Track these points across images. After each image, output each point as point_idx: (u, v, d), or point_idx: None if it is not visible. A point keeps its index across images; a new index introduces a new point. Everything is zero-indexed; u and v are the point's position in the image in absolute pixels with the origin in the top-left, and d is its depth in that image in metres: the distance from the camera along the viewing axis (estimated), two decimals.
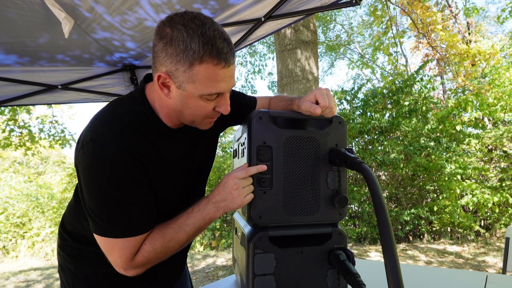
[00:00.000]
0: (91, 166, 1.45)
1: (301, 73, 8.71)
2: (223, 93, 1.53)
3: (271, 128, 1.56)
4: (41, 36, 3.43)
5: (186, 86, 1.47)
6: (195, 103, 1.51)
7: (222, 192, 1.59)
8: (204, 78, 1.43)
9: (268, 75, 24.95)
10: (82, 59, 4.23)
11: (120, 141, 1.46)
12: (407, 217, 10.63)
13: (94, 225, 1.52)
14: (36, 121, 14.49)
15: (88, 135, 1.47)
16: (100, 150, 1.44)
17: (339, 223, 1.69)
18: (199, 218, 1.61)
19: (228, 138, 16.63)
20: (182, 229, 1.60)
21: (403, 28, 24.48)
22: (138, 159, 1.51)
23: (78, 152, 1.49)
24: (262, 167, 1.55)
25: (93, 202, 1.48)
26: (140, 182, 1.53)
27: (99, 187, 1.46)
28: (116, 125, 1.51)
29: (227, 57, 1.43)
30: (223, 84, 1.48)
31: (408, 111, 11.52)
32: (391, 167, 11.27)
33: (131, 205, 1.50)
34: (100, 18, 3.24)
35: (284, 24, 3.99)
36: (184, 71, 1.43)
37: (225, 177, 1.61)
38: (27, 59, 3.91)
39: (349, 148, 1.59)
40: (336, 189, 1.63)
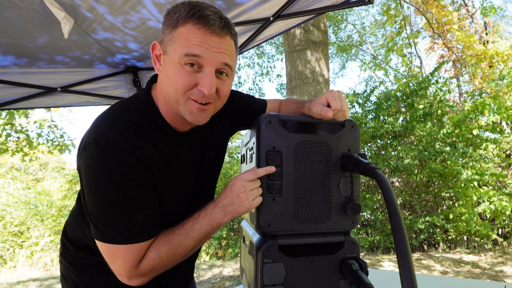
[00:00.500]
0: (93, 168, 1.44)
1: (311, 75, 8.70)
2: (205, 66, 1.47)
3: (281, 132, 1.56)
4: (40, 37, 3.43)
5: (168, 50, 1.49)
6: (175, 71, 1.47)
7: (229, 196, 1.59)
8: (183, 37, 1.44)
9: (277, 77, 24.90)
10: (82, 61, 4.23)
11: (124, 142, 1.46)
12: (421, 225, 10.57)
13: (96, 231, 1.51)
14: (34, 126, 14.50)
15: (91, 135, 1.47)
16: (103, 151, 1.43)
17: (351, 231, 1.68)
18: (206, 223, 1.61)
19: (235, 143, 16.57)
20: (189, 235, 1.60)
21: (418, 28, 24.50)
22: (143, 161, 1.51)
23: (81, 153, 1.48)
24: (271, 168, 1.55)
25: (95, 206, 1.48)
26: (145, 186, 1.53)
27: (102, 189, 1.45)
28: (120, 126, 1.51)
29: (211, 22, 1.42)
30: (202, 49, 1.43)
31: (423, 115, 11.47)
32: (405, 173, 11.22)
33: (135, 210, 1.50)
34: (101, 18, 3.24)
35: (294, 24, 3.99)
36: (169, 33, 1.48)
37: (232, 180, 1.61)
38: (25, 60, 3.92)
39: (362, 153, 1.58)
40: (349, 196, 1.63)
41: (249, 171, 1.57)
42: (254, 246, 1.58)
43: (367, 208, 11.13)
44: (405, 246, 1.04)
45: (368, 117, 12.49)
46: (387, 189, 1.20)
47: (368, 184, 12.21)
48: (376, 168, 1.36)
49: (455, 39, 18.34)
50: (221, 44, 1.47)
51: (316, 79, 8.70)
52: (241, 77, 28.80)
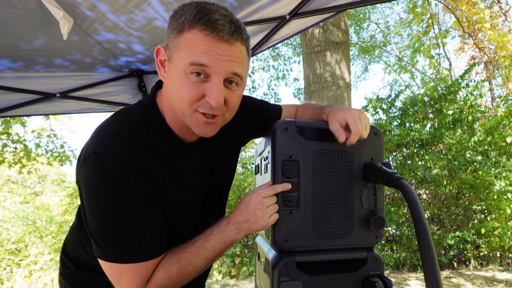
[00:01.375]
0: (94, 182, 1.43)
1: (331, 79, 8.69)
2: (212, 76, 1.43)
3: (298, 140, 1.56)
4: (37, 38, 3.41)
5: (173, 57, 1.46)
6: (180, 81, 1.44)
7: (244, 212, 1.58)
8: (189, 43, 1.40)
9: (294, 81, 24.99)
10: (83, 64, 4.22)
11: (127, 154, 1.45)
12: (451, 240, 10.50)
13: (99, 249, 1.49)
14: (32, 135, 14.43)
15: (91, 147, 1.46)
16: (104, 164, 1.42)
17: (375, 247, 1.68)
18: (219, 240, 1.60)
19: (249, 153, 16.54)
20: (200, 253, 1.59)
21: (446, 27, 24.40)
22: (148, 175, 1.50)
23: (80, 166, 1.47)
24: (287, 185, 1.55)
25: (97, 223, 1.46)
26: (150, 200, 1.52)
27: (103, 205, 1.44)
28: (122, 136, 1.49)
29: (220, 28, 1.38)
30: (207, 57, 1.39)
31: (452, 121, 11.41)
32: (433, 185, 11.15)
33: (140, 226, 1.49)
34: (103, 17, 3.22)
35: (312, 23, 3.95)
36: (174, 39, 1.45)
37: (247, 195, 1.60)
38: (21, 64, 3.91)
39: (386, 163, 1.58)
40: (372, 208, 1.62)
41: (267, 187, 1.56)
42: (270, 264, 1.58)
43: (392, 222, 11.08)
44: (433, 263, 1.03)
45: (393, 124, 12.45)
46: (413, 202, 1.19)
47: (393, 196, 12.15)
48: (402, 178, 1.35)
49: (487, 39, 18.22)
50: (231, 51, 1.43)
51: (337, 82, 8.68)
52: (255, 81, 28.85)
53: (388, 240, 12.23)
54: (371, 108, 12.82)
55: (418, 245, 1.10)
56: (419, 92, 16.13)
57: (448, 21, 26.47)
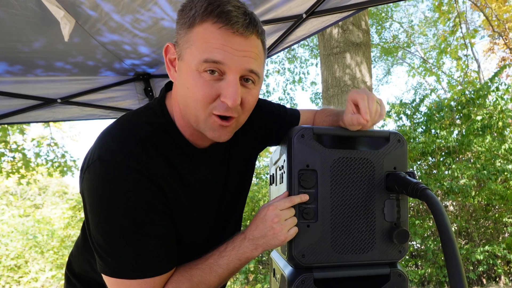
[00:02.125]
0: (98, 190, 1.42)
1: (351, 82, 8.68)
2: (227, 73, 1.40)
3: (316, 147, 1.55)
4: (36, 40, 3.40)
5: (184, 54, 1.44)
6: (193, 80, 1.41)
7: (260, 227, 1.56)
8: (201, 39, 1.38)
9: (311, 85, 24.86)
10: (85, 67, 4.22)
11: (133, 160, 1.43)
12: (480, 255, 10.43)
13: (102, 264, 1.47)
14: (32, 144, 14.23)
15: (95, 153, 1.45)
16: (109, 170, 1.41)
17: (398, 262, 1.67)
18: (233, 257, 1.58)
19: (263, 162, 16.49)
20: (213, 270, 1.56)
21: (475, 26, 24.30)
22: (155, 182, 1.48)
23: (84, 174, 1.46)
24: (304, 196, 1.54)
25: (100, 235, 1.45)
26: (157, 211, 1.50)
27: (107, 215, 1.42)
28: (129, 141, 1.48)
29: (233, 20, 1.35)
30: (221, 52, 1.36)
31: (481, 128, 11.35)
32: (460, 196, 11.10)
33: (147, 239, 1.46)
34: (107, 17, 3.20)
35: (330, 22, 3.93)
36: (185, 34, 1.43)
37: (263, 209, 1.58)
38: (20, 67, 3.90)
39: (410, 172, 1.57)
40: (395, 221, 1.62)
41: (283, 199, 1.55)
42: (286, 280, 1.57)
43: (416, 236, 11.02)
44: (461, 279, 1.03)
45: (417, 130, 12.40)
46: (440, 214, 1.19)
47: (417, 208, 12.10)
48: (427, 188, 1.35)
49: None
50: (246, 46, 1.41)
51: (357, 86, 8.66)
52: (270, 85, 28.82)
53: (412, 255, 12.18)
54: (394, 114, 12.79)
55: (445, 260, 1.10)
56: (446, 96, 16.13)
57: (477, 19, 26.44)
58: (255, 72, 1.45)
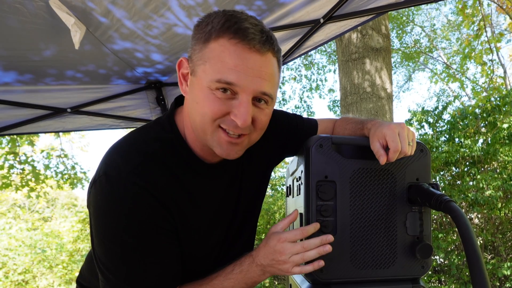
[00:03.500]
0: (102, 205, 1.45)
1: (370, 89, 8.64)
2: (240, 93, 1.41)
3: (335, 158, 1.56)
4: (47, 48, 3.40)
5: (197, 70, 1.44)
6: (203, 96, 1.42)
7: (269, 256, 1.54)
8: (216, 56, 1.38)
9: (329, 92, 24.75)
10: (97, 76, 4.23)
11: (139, 177, 1.45)
12: (507, 271, 10.35)
13: (104, 280, 1.50)
14: (41, 155, 14.26)
15: (102, 168, 1.47)
16: (114, 187, 1.44)
17: (421, 278, 1.67)
18: (240, 280, 1.59)
19: (279, 173, 16.45)
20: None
21: (501, 29, 24.23)
22: (161, 201, 1.50)
23: (90, 188, 1.49)
24: (316, 225, 1.53)
25: (103, 251, 1.48)
26: (162, 230, 1.52)
27: (110, 231, 1.45)
28: (136, 157, 1.50)
29: (250, 37, 1.36)
30: (238, 73, 1.37)
31: (508, 136, 11.29)
32: (486, 208, 11.03)
33: (150, 258, 1.48)
34: (118, 23, 3.20)
35: (349, 27, 3.90)
36: (199, 50, 1.43)
37: (273, 238, 1.55)
38: (30, 76, 3.90)
39: (434, 183, 1.57)
40: (418, 235, 1.62)
41: (295, 230, 1.53)
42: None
43: (440, 250, 10.98)
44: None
45: (440, 139, 12.37)
46: (464, 226, 1.19)
47: (440, 220, 12.06)
48: (451, 200, 1.35)
49: None
50: (261, 63, 1.41)
51: (377, 93, 8.63)
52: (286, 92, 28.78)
53: (435, 270, 12.12)
54: (415, 122, 12.75)
55: (470, 276, 1.10)
56: (470, 104, 16.06)
57: (503, 23, 26.27)
58: (268, 94, 1.46)
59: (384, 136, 1.56)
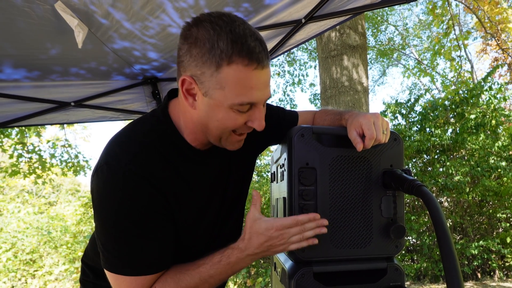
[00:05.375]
0: (102, 192, 1.48)
1: (348, 83, 8.66)
2: (257, 104, 1.49)
3: (315, 146, 1.56)
4: (53, 47, 3.44)
5: (213, 94, 1.43)
6: (224, 115, 1.46)
7: (264, 244, 1.53)
8: (235, 83, 1.40)
9: (310, 87, 24.77)
10: (98, 72, 4.26)
11: (136, 166, 1.48)
12: (474, 250, 10.42)
13: (104, 259, 1.54)
14: (47, 145, 14.47)
15: (103, 158, 1.51)
16: (113, 175, 1.47)
17: (395, 257, 1.67)
18: (227, 269, 1.58)
19: (264, 161, 16.47)
20: (203, 278, 1.57)
21: (468, 28, 24.29)
22: (157, 187, 1.52)
23: (93, 176, 1.51)
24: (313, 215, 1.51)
25: (103, 233, 1.51)
26: (157, 214, 1.54)
27: (110, 216, 1.48)
28: (133, 147, 1.53)
29: (260, 57, 1.39)
30: (257, 92, 1.44)
31: (475, 126, 11.34)
32: (455, 192, 11.08)
33: (145, 240, 1.51)
34: (118, 25, 3.24)
35: (328, 26, 3.94)
36: (211, 75, 1.41)
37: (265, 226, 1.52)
38: (37, 73, 3.94)
39: (406, 169, 1.58)
40: (392, 217, 1.62)
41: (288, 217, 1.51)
42: (286, 274, 1.58)
43: (412, 231, 11.02)
44: (457, 274, 1.03)
45: (412, 129, 12.40)
46: (435, 210, 1.19)
47: (413, 204, 12.10)
48: (423, 185, 1.35)
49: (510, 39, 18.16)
50: (267, 75, 1.48)
51: (354, 87, 8.65)
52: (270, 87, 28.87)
53: (408, 249, 12.17)
54: (389, 113, 12.79)
55: (440, 255, 1.10)
56: (440, 96, 16.11)
57: (470, 22, 26.41)
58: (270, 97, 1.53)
59: (360, 125, 1.57)
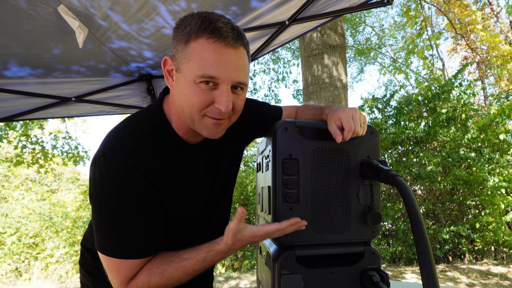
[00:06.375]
0: (99, 182, 1.50)
1: (328, 80, 8.68)
2: (220, 84, 1.47)
3: (298, 139, 1.56)
4: (56, 47, 3.49)
5: (182, 68, 1.49)
6: (191, 89, 1.47)
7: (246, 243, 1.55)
8: (198, 55, 1.43)
9: (293, 83, 24.91)
10: (97, 70, 4.31)
11: (131, 159, 1.51)
12: (446, 235, 10.48)
13: (97, 241, 1.56)
14: (49, 137, 14.80)
15: (101, 149, 1.53)
16: (109, 166, 1.50)
17: (372, 241, 1.68)
18: (210, 264, 1.61)
19: (251, 151, 16.56)
20: (186, 271, 1.59)
21: (439, 29, 24.35)
22: (150, 178, 1.55)
23: (91, 165, 1.54)
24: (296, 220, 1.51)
25: (98, 218, 1.54)
26: (148, 204, 1.56)
27: (105, 204, 1.51)
28: (129, 141, 1.56)
29: (225, 35, 1.42)
30: (218, 68, 1.43)
31: (446, 120, 11.40)
32: (427, 181, 11.15)
33: (135, 227, 1.53)
34: (115, 26, 3.30)
35: (310, 28, 4.00)
36: (182, 51, 1.48)
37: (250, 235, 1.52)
38: (41, 70, 3.98)
39: (382, 160, 1.59)
40: (369, 204, 1.63)
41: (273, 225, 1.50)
42: (271, 257, 1.58)
43: (388, 217, 11.07)
44: (429, 257, 1.04)
45: (388, 122, 12.46)
46: (408, 197, 1.20)
47: (389, 192, 12.16)
48: (397, 175, 1.36)
49: (479, 39, 18.21)
50: (236, 57, 1.48)
51: (334, 84, 8.67)
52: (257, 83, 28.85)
53: (384, 234, 12.23)
54: (367, 108, 12.85)
55: (414, 239, 1.11)
56: (414, 92, 16.16)
57: (441, 23, 26.40)
58: (243, 82, 1.52)
59: (339, 118, 1.58)
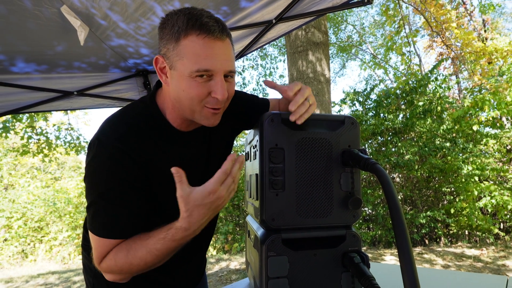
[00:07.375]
0: (92, 164, 1.54)
1: (312, 75, 8.70)
2: (214, 75, 1.51)
3: (283, 130, 1.56)
4: (59, 44, 3.55)
5: (176, 65, 1.50)
6: (187, 84, 1.49)
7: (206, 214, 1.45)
8: (190, 52, 1.45)
9: (280, 78, 24.88)
10: (97, 66, 4.36)
11: (123, 143, 1.54)
12: (422, 220, 10.56)
13: (89, 219, 1.58)
14: (53, 128, 15.13)
15: (97, 134, 1.57)
16: (101, 149, 1.53)
17: (353, 225, 1.69)
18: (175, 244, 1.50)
19: (240, 142, 16.60)
20: (150, 251, 1.50)
21: (416, 27, 24.42)
22: (138, 162, 1.57)
23: (88, 149, 1.58)
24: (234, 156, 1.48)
25: (88, 196, 1.57)
26: (134, 187, 1.57)
27: (94, 183, 1.55)
28: (122, 128, 1.59)
29: (212, 29, 1.45)
30: (211, 60, 1.47)
31: (423, 112, 11.46)
32: (405, 169, 11.20)
33: (118, 208, 1.54)
34: (114, 25, 3.34)
35: (295, 26, 4.05)
36: (173, 49, 1.49)
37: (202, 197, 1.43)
38: (45, 66, 4.03)
39: (362, 149, 1.59)
40: (350, 190, 1.63)
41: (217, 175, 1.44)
42: (258, 240, 1.58)
43: (368, 203, 11.13)
44: (406, 240, 1.04)
45: (368, 114, 12.51)
46: (387, 184, 1.20)
47: (369, 179, 12.21)
48: (376, 163, 1.36)
49: (453, 37, 18.29)
50: (225, 49, 1.51)
51: (318, 78, 8.70)
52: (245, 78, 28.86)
53: (365, 219, 12.30)
54: (349, 101, 12.90)
55: (392, 224, 1.11)
56: (392, 86, 16.19)
57: (418, 21, 26.48)
58: (233, 70, 1.57)
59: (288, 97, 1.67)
